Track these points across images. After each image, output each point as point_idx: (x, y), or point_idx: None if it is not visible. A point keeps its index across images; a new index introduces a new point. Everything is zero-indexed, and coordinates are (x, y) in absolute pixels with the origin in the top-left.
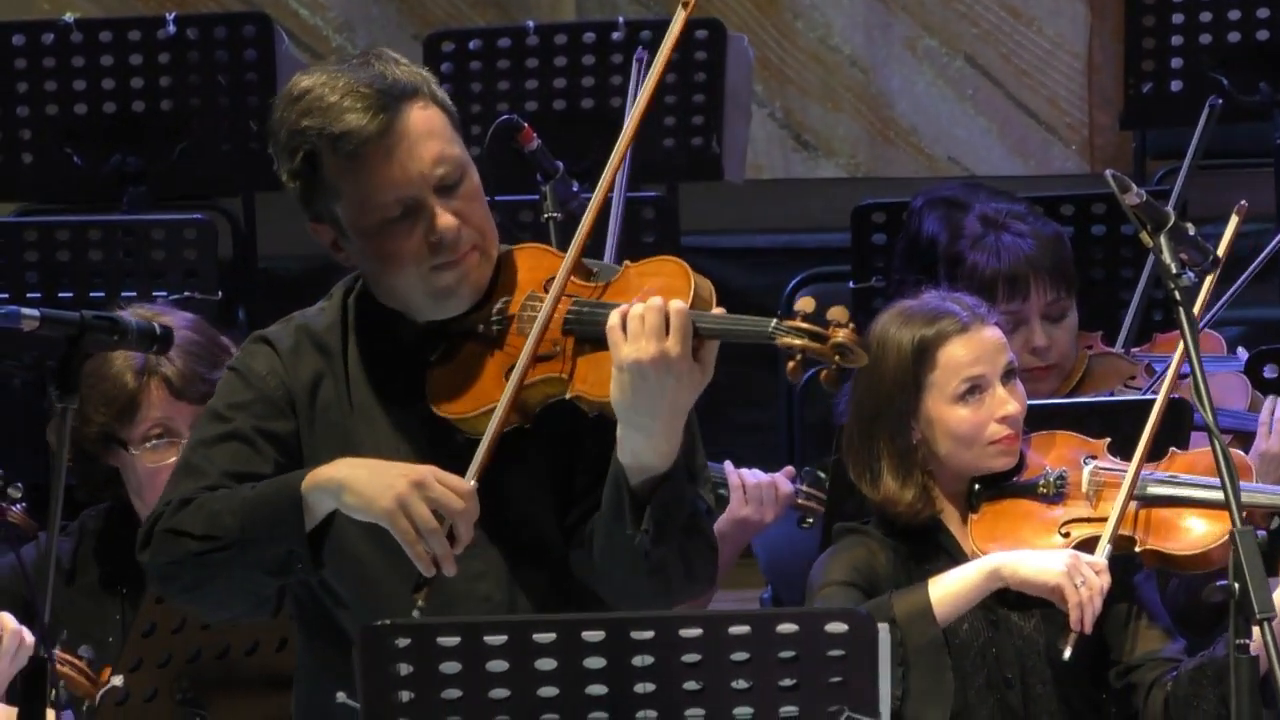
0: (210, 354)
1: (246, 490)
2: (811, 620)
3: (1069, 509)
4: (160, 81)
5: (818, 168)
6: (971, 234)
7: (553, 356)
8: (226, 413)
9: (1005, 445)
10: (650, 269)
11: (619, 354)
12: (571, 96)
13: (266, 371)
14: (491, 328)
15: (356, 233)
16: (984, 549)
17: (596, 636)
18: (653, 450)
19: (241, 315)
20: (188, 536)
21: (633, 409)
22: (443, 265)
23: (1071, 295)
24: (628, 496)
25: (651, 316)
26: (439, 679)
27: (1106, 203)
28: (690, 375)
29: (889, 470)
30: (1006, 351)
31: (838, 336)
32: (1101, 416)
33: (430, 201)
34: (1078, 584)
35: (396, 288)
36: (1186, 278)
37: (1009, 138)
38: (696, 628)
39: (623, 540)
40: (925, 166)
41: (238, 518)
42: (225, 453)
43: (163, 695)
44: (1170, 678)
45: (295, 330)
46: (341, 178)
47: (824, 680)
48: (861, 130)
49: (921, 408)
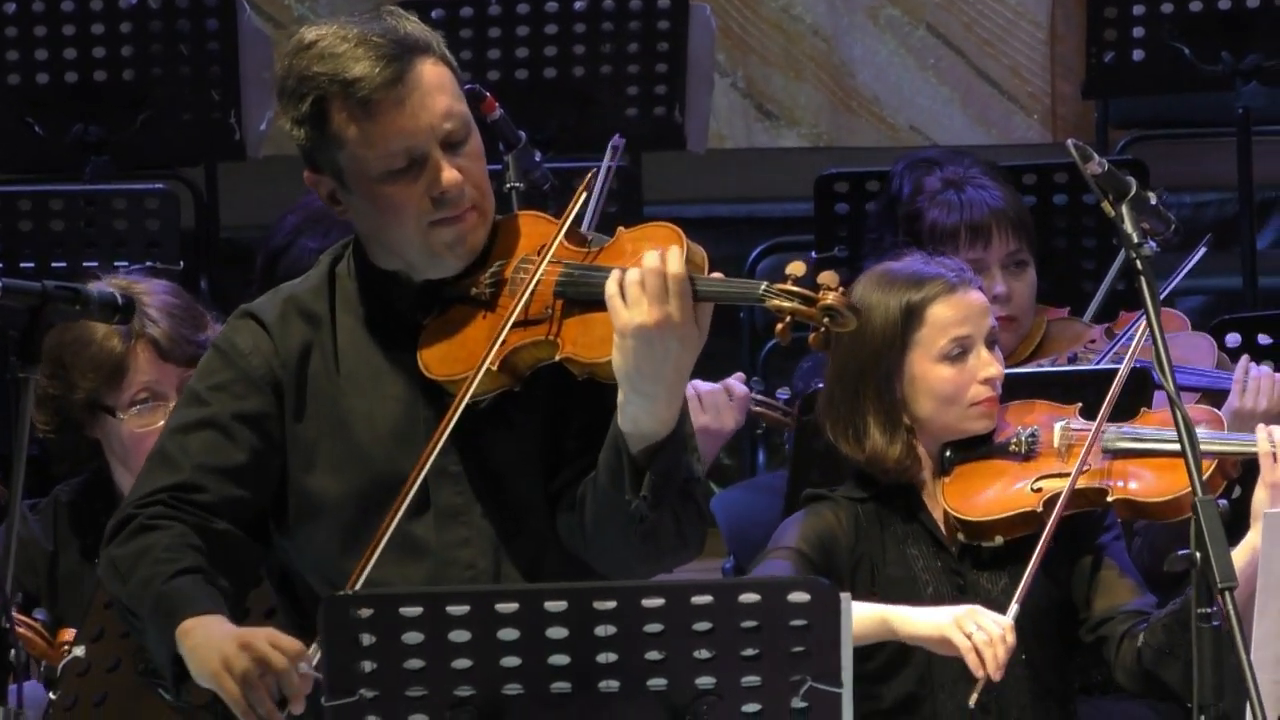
0: (192, 316)
1: (165, 575)
2: (774, 590)
3: (1040, 464)
4: (122, 51)
5: (780, 137)
6: (931, 190)
7: (543, 320)
8: (206, 395)
9: (986, 408)
10: (643, 234)
11: (620, 320)
12: (534, 66)
13: (249, 349)
14: (485, 291)
15: (358, 183)
16: (956, 509)
17: (559, 606)
18: (654, 416)
19: (204, 286)
20: (120, 581)
21: (636, 374)
22: (442, 221)
23: (1031, 251)
24: (628, 463)
25: (652, 281)
26: (401, 649)
27: (1068, 172)
28: (692, 338)
29: (876, 426)
30: (990, 315)
31: (827, 300)
32: (1065, 387)
33: (435, 155)
34: (969, 632)
35: (393, 243)
36: (1148, 247)
37: (971, 107)
38: (659, 597)
39: (618, 505)
40: (887, 136)
41: (147, 605)
42: (200, 442)
43: (125, 666)
44: (1141, 628)
45: (282, 301)
46: (349, 125)
47: (786, 650)
48: (824, 99)
49: (905, 366)
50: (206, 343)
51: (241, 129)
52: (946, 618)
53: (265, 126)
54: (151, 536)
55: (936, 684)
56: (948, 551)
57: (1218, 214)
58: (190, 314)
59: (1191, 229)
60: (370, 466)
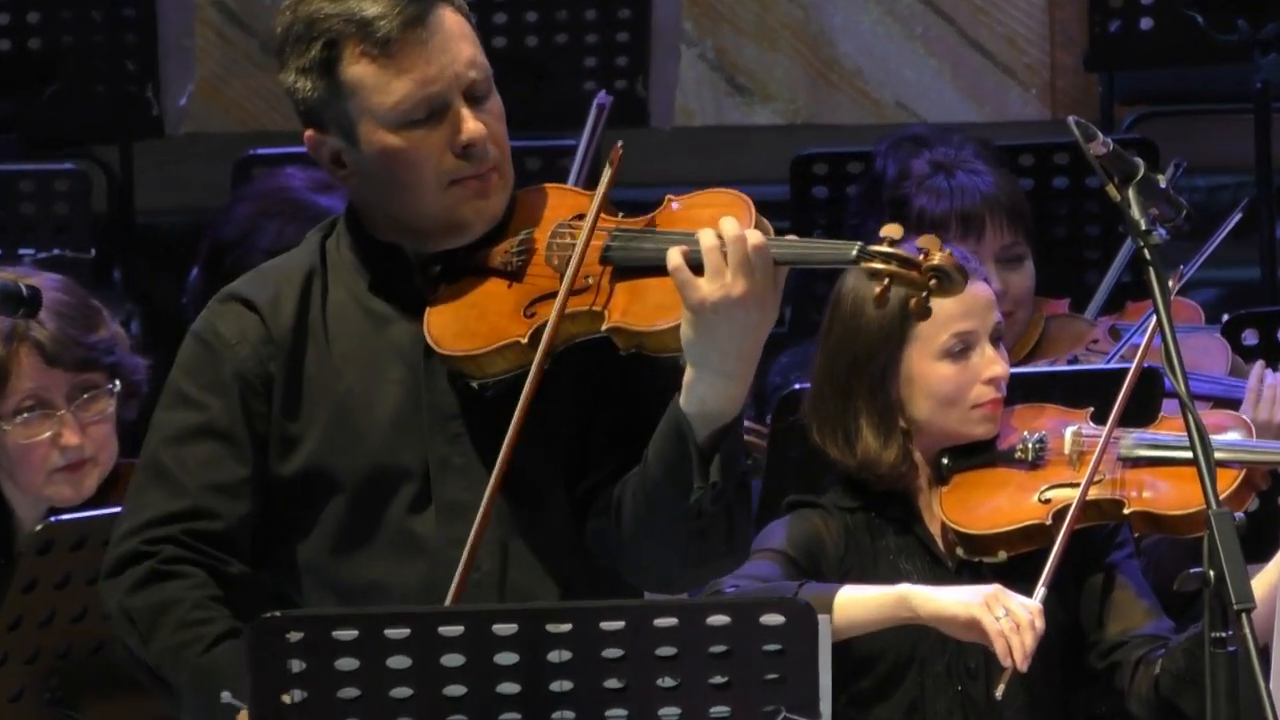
0: (84, 316)
1: (202, 645)
2: (745, 612)
3: (1049, 473)
4: (28, 18)
5: (753, 113)
6: (918, 175)
7: (586, 289)
8: (197, 396)
9: (989, 410)
10: (701, 200)
11: (698, 293)
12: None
13: (236, 338)
14: (513, 259)
15: (370, 138)
16: (956, 521)
17: (508, 630)
18: (726, 394)
19: (117, 275)
20: (139, 638)
21: (714, 350)
22: (463, 179)
23: (1028, 242)
24: (694, 450)
25: (737, 248)
26: (335, 677)
27: (1070, 152)
28: (774, 307)
29: (869, 429)
30: (995, 310)
31: (934, 260)
32: (1069, 389)
33: (458, 105)
34: (998, 615)
35: (406, 208)
36: (1157, 234)
37: (962, 80)
38: (618, 620)
39: (671, 502)
40: (870, 112)
41: (185, 676)
42: (201, 455)
43: (29, 695)
44: (1158, 655)
45: (271, 279)
46: (365, 69)
47: (759, 677)
48: (801, 72)
49: (902, 363)
50: (101, 344)
51: (160, 103)
52: (976, 597)
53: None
54: (170, 588)
55: (929, 710)
56: (944, 567)
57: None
58: (82, 313)
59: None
60: (367, 457)
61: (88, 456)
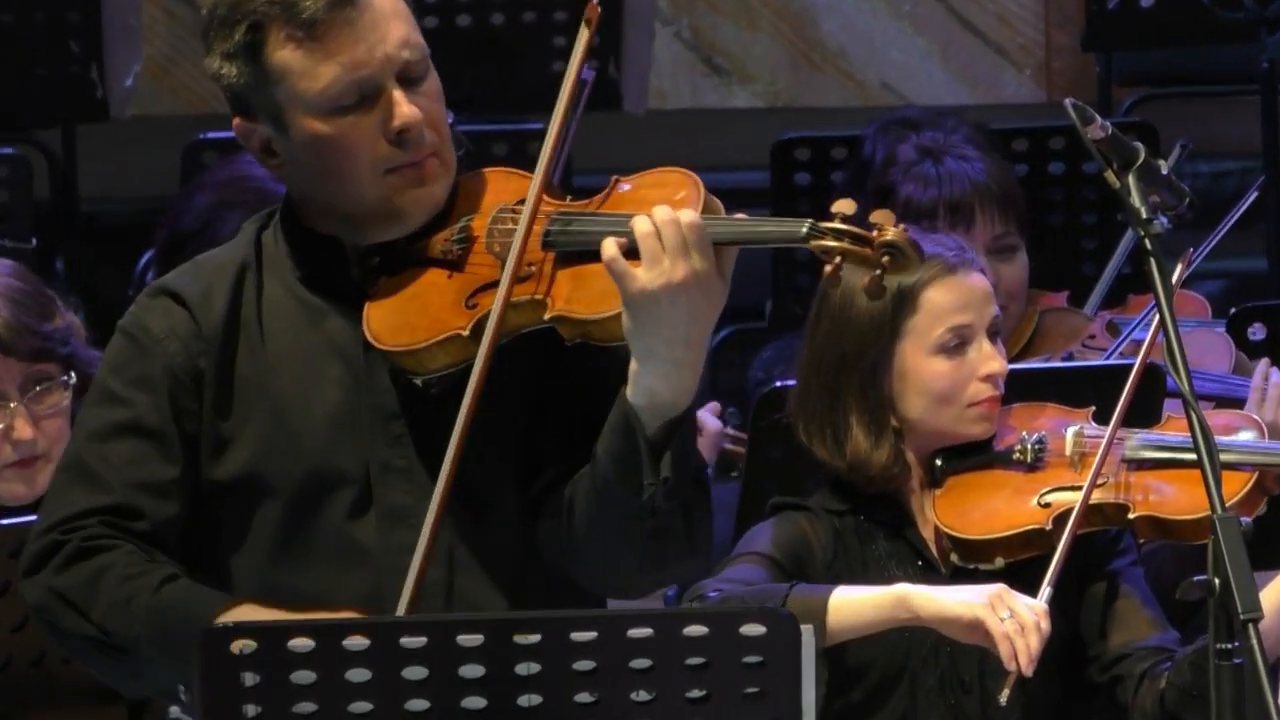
0: (38, 303)
1: (150, 588)
2: (724, 622)
3: (1050, 475)
4: None
5: (731, 96)
6: (905, 161)
7: (528, 277)
8: (124, 392)
9: (985, 409)
10: (649, 180)
11: (634, 283)
12: (445, 12)
13: (164, 333)
14: (453, 249)
15: (299, 126)
16: (950, 525)
17: (474, 641)
18: (676, 384)
19: (60, 266)
20: (79, 613)
21: (657, 339)
22: (399, 167)
23: (1022, 232)
24: (643, 444)
25: (671, 232)
26: (291, 691)
27: (1066, 137)
28: (719, 291)
29: (859, 428)
30: (993, 303)
31: (887, 235)
32: (1061, 385)
33: (391, 88)
34: (1003, 617)
35: (341, 196)
36: (1158, 223)
37: (953, 61)
38: (590, 631)
39: (623, 499)
40: (855, 94)
41: (135, 625)
42: (126, 453)
43: None
44: (1165, 669)
45: (203, 273)
46: (290, 53)
47: (739, 691)
48: (782, 52)
49: (894, 358)
50: (56, 334)
51: (104, 85)
52: (979, 597)
53: (132, 82)
54: (100, 558)
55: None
56: (938, 574)
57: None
58: (36, 300)
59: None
60: (303, 460)
61: (40, 452)
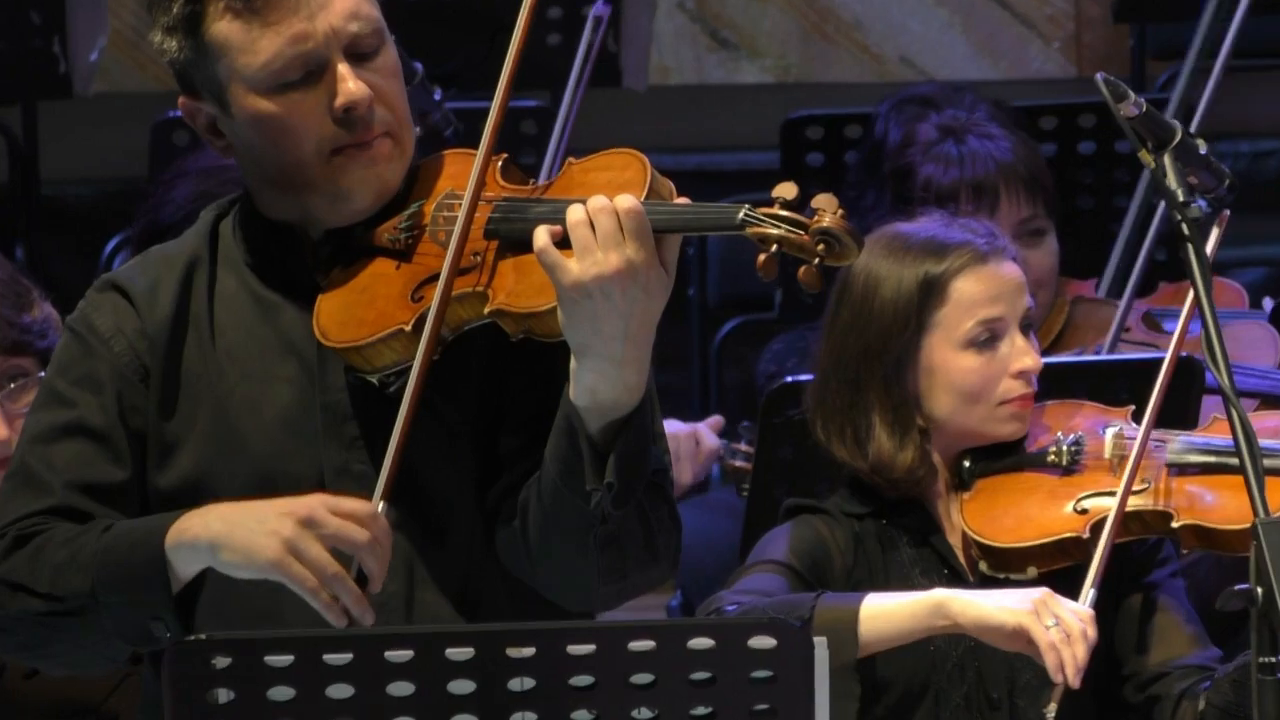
0: (15, 292)
1: (94, 536)
2: (731, 634)
3: (1087, 479)
4: None
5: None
6: (925, 141)
7: (472, 268)
8: (68, 393)
9: (1018, 408)
10: (599, 163)
11: (567, 275)
12: None
13: (111, 331)
14: (401, 238)
15: (242, 104)
16: (979, 532)
17: (464, 655)
18: (618, 383)
19: (19, 254)
20: (26, 592)
21: (594, 335)
22: (347, 148)
23: (1050, 215)
24: (585, 446)
25: (604, 220)
26: (268, 708)
27: (1097, 114)
28: (659, 281)
29: (882, 427)
30: (1026, 292)
31: (823, 221)
32: (1095, 380)
33: (337, 63)
34: (1048, 624)
35: (287, 179)
36: (1196, 207)
37: (976, 33)
38: (588, 643)
39: (572, 505)
40: (872, 70)
41: (87, 575)
42: (69, 454)
43: None
44: (1205, 688)
45: (152, 266)
46: (229, 27)
47: (747, 708)
48: (793, 24)
49: (920, 354)
50: (34, 326)
51: (68, 60)
52: (1024, 604)
53: (97, 56)
54: (38, 539)
55: None
56: (965, 584)
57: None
58: (13, 290)
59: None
60: (255, 465)
61: None
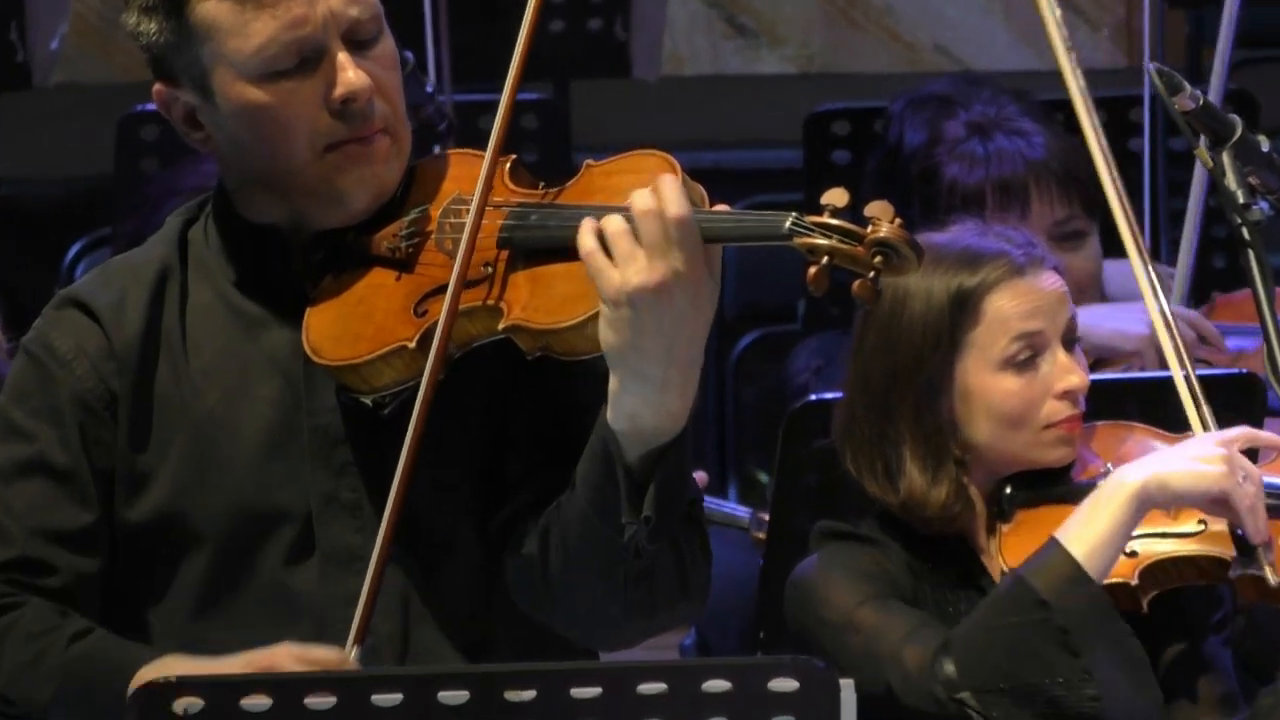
0: None
1: (62, 645)
2: (749, 676)
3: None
4: None
5: (758, 60)
6: (951, 139)
7: (481, 280)
8: (26, 424)
9: (1065, 431)
10: (622, 166)
11: (611, 284)
12: None
13: (72, 353)
14: (402, 245)
15: (227, 92)
16: None
17: (458, 698)
18: (661, 408)
19: None
20: None
21: (636, 353)
22: (342, 143)
23: (1092, 217)
24: (622, 475)
25: (651, 226)
26: None
27: (1149, 108)
28: (705, 294)
29: (914, 460)
30: (1069, 306)
31: (880, 232)
32: (1144, 400)
33: (335, 50)
34: (1241, 480)
35: (275, 177)
36: (1258, 209)
37: (1016, 19)
38: (594, 686)
39: (602, 537)
40: (903, 59)
41: (46, 688)
42: (29, 497)
43: None
44: None
45: (118, 277)
46: (218, 7)
47: None
48: (817, 9)
49: (955, 376)
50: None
51: (26, 48)
52: (1218, 466)
53: (58, 44)
54: (4, 618)
55: None
56: None
57: None
58: None
59: None
60: (234, 496)
61: None
